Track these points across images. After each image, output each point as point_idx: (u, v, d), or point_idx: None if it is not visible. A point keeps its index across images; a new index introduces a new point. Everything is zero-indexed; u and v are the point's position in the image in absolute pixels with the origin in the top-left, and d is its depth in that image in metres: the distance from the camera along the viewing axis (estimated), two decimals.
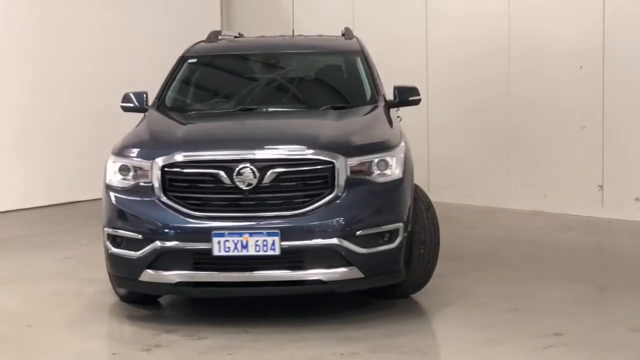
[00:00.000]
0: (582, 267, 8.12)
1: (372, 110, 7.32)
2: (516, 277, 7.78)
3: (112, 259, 6.53)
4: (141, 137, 6.78)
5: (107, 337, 6.60)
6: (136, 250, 6.36)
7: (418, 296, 7.03)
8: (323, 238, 6.26)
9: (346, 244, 6.28)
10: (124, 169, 6.54)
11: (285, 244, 6.21)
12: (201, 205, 6.32)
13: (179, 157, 6.38)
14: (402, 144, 6.79)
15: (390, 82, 7.83)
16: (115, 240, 6.48)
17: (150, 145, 6.60)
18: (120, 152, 6.64)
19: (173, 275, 6.33)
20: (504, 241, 9.33)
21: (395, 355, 5.81)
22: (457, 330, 6.37)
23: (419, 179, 9.32)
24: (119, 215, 6.48)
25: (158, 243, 6.29)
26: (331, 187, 6.34)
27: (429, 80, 11.55)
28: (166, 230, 6.29)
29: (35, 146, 11.69)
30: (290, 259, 6.26)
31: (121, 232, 6.44)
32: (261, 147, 6.42)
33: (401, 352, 5.85)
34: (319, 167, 6.37)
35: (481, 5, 11.11)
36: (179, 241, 6.27)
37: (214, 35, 8.57)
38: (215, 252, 6.20)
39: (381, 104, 7.44)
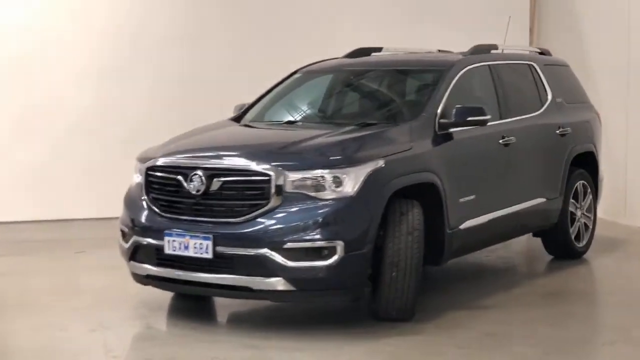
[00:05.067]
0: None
1: (387, 128, 7.21)
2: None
3: (120, 250, 7.37)
4: (157, 144, 7.51)
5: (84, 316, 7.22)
6: (127, 242, 7.15)
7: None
8: (253, 247, 6.50)
9: (273, 255, 6.45)
10: (137, 171, 7.35)
11: (219, 249, 6.57)
12: (167, 207, 6.91)
13: (157, 162, 7.05)
14: (373, 162, 6.65)
15: None
16: (122, 233, 7.32)
17: (151, 151, 7.33)
18: (139, 155, 7.46)
19: (143, 268, 7.01)
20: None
21: None
22: None
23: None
24: (124, 211, 7.32)
25: (136, 237, 7.02)
26: (267, 199, 6.54)
27: None
28: (140, 227, 7.01)
29: None
30: (221, 263, 6.60)
31: (122, 226, 7.28)
32: (214, 157, 6.87)
33: None
34: (257, 178, 6.60)
35: None
36: (146, 237, 6.94)
37: (357, 52, 8.84)
38: (166, 250, 6.77)
39: (416, 123, 7.25)
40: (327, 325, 6.88)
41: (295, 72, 8.58)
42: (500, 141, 8.02)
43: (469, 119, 7.41)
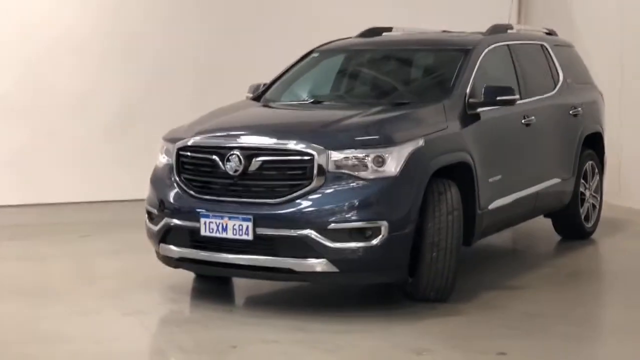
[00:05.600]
0: None
1: (422, 107, 7.13)
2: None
3: (147, 232, 7.18)
4: (184, 124, 7.32)
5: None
6: (156, 224, 6.96)
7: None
8: (295, 228, 6.37)
9: (317, 236, 6.33)
10: (164, 151, 7.17)
11: (259, 230, 6.42)
12: (201, 188, 6.74)
13: (190, 141, 6.87)
14: (414, 141, 6.57)
15: None
16: (149, 215, 7.13)
17: (181, 131, 7.14)
18: (166, 135, 7.27)
19: (176, 251, 6.84)
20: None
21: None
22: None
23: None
24: (151, 192, 7.12)
25: (167, 219, 6.84)
26: (310, 178, 6.42)
27: None
28: (171, 208, 6.82)
29: None
30: (262, 245, 6.46)
31: (149, 208, 7.09)
32: (252, 136, 6.73)
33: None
34: (298, 158, 6.48)
35: None
36: (180, 219, 6.76)
37: (369, 32, 8.71)
38: (202, 232, 6.60)
39: (448, 102, 7.17)
40: (364, 306, 6.82)
41: (311, 52, 8.44)
42: (523, 121, 8.00)
43: (499, 98, 7.37)
